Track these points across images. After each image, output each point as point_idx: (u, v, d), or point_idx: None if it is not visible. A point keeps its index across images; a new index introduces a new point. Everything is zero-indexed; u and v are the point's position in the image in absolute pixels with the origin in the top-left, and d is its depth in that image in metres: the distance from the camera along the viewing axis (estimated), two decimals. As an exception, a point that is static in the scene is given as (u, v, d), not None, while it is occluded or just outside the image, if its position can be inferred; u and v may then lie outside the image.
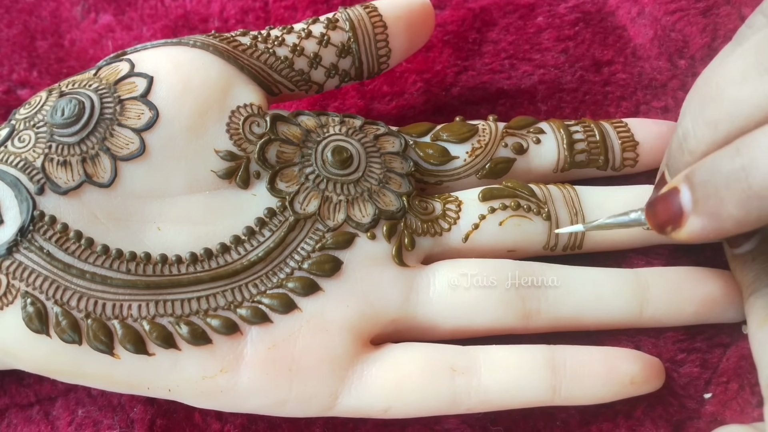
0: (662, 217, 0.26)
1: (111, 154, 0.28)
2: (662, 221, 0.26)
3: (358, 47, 0.32)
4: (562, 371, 0.28)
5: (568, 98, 0.37)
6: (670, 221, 0.26)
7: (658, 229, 0.27)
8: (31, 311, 0.27)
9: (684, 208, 0.25)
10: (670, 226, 0.26)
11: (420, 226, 0.31)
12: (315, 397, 0.28)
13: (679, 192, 0.26)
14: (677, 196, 0.26)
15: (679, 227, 0.26)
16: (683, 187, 0.25)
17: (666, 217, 0.26)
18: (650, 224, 0.27)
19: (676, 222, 0.26)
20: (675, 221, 0.26)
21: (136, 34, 0.41)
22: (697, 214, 0.25)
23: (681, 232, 0.26)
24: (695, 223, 0.25)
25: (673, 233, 0.26)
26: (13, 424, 0.31)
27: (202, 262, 0.28)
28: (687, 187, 0.25)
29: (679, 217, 0.26)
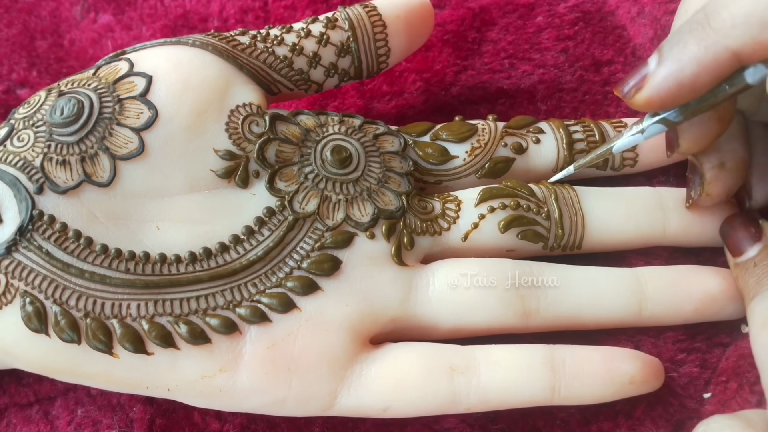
0: (628, 82, 0.27)
1: (110, 154, 0.28)
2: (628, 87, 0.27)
3: (358, 47, 0.32)
4: (561, 371, 0.28)
5: (568, 98, 0.37)
6: (634, 86, 0.27)
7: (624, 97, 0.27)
8: (30, 310, 0.27)
9: (649, 69, 0.26)
10: (633, 89, 0.27)
11: (419, 226, 0.31)
12: (314, 396, 0.28)
13: (647, 62, 0.27)
14: (645, 65, 0.27)
15: (642, 87, 0.26)
16: (652, 57, 0.27)
17: (632, 81, 0.27)
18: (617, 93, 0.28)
19: (640, 84, 0.26)
20: (639, 84, 0.26)
21: (135, 34, 0.41)
22: (660, 65, 0.26)
23: (643, 90, 0.26)
24: (657, 74, 0.26)
25: (636, 95, 0.27)
26: (12, 424, 0.31)
27: (201, 261, 0.28)
28: (655, 54, 0.26)
29: (644, 78, 0.26)
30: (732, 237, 0.30)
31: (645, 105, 0.27)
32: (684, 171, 0.33)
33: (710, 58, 0.25)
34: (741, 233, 0.30)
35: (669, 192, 0.32)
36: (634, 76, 0.27)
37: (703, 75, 0.25)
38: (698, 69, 0.25)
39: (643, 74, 0.26)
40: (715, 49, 0.25)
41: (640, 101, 0.27)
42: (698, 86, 0.26)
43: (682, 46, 0.25)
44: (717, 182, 0.30)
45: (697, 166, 0.30)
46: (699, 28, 0.25)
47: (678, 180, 0.34)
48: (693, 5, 0.27)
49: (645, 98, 0.26)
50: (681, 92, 0.26)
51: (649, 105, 0.27)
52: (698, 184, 0.30)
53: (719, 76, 0.25)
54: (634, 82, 0.27)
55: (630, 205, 0.32)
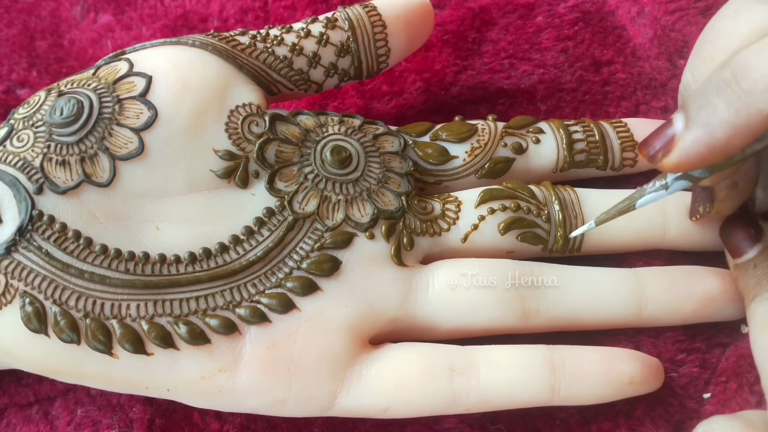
0: (654, 145, 0.26)
1: (110, 154, 0.28)
2: (654, 150, 0.26)
3: (357, 47, 0.32)
4: (561, 371, 0.28)
5: (568, 98, 0.37)
6: (661, 148, 0.26)
7: (651, 159, 0.26)
8: (29, 311, 0.27)
9: (676, 131, 0.25)
10: (661, 152, 0.26)
11: (419, 226, 0.31)
12: (314, 396, 0.28)
13: (671, 122, 0.26)
14: (670, 125, 0.26)
15: (671, 151, 0.25)
16: (677, 116, 0.26)
17: (658, 144, 0.26)
18: (642, 156, 0.27)
19: (667, 147, 0.25)
20: (666, 146, 0.26)
21: (135, 34, 0.41)
22: (689, 129, 0.25)
23: (672, 154, 0.25)
24: (687, 139, 0.25)
25: (664, 159, 0.26)
26: (12, 424, 0.31)
27: (201, 261, 0.28)
28: (680, 114, 0.25)
29: (671, 141, 0.25)
30: (732, 238, 0.30)
31: (674, 168, 0.26)
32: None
33: (743, 122, 0.24)
34: (741, 234, 0.30)
35: (670, 197, 0.32)
36: (660, 138, 0.26)
37: (736, 139, 0.24)
38: (730, 133, 0.24)
39: (670, 136, 0.25)
40: (748, 112, 0.24)
41: (669, 165, 0.26)
42: (730, 149, 0.25)
43: (711, 108, 0.24)
44: (728, 201, 0.30)
45: None
46: (728, 89, 0.24)
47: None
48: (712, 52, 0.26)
49: (675, 163, 0.25)
50: (712, 156, 0.25)
51: (679, 168, 0.26)
52: (707, 201, 0.30)
53: (752, 138, 0.24)
54: (660, 144, 0.26)
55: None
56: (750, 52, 0.24)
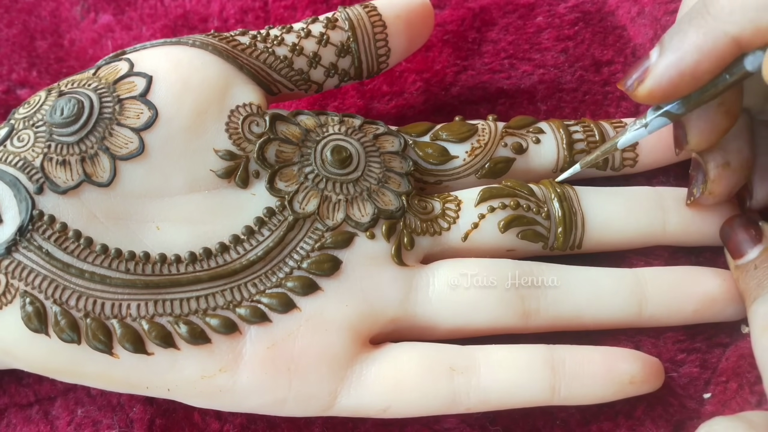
0: (631, 75, 0.27)
1: (110, 154, 0.28)
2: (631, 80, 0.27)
3: (358, 47, 0.32)
4: (561, 371, 0.28)
5: (568, 98, 0.37)
6: (636, 78, 0.27)
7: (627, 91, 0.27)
8: (30, 310, 0.27)
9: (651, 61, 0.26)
10: (636, 82, 0.27)
11: (419, 226, 0.31)
12: (314, 396, 0.28)
13: (649, 55, 0.27)
14: (647, 58, 0.27)
15: (644, 79, 0.26)
16: (654, 49, 0.27)
17: (635, 74, 0.27)
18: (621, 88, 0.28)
19: (642, 76, 0.27)
20: (641, 76, 0.27)
21: (135, 34, 0.41)
22: (662, 56, 0.26)
23: (645, 82, 0.26)
24: (659, 66, 0.26)
25: (639, 87, 0.27)
26: (12, 424, 0.31)
27: (201, 261, 0.28)
28: (656, 47, 0.26)
29: (646, 71, 0.26)
30: (732, 239, 0.30)
31: (647, 96, 0.27)
32: (684, 171, 0.33)
33: (710, 44, 0.25)
34: (741, 235, 0.30)
35: (669, 191, 0.32)
36: (637, 69, 0.27)
37: (704, 62, 0.25)
38: (699, 57, 0.25)
39: (645, 66, 0.26)
40: (715, 35, 0.25)
41: (642, 93, 0.27)
42: (699, 74, 0.26)
43: (682, 35, 0.25)
44: (720, 181, 0.30)
45: (701, 164, 0.30)
46: (698, 16, 0.25)
47: (678, 180, 0.34)
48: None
49: (647, 89, 0.26)
50: (683, 82, 0.26)
51: (652, 96, 0.27)
52: (701, 182, 0.30)
53: (720, 63, 0.25)
54: (636, 75, 0.27)
55: (630, 204, 0.32)
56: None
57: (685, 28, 0.25)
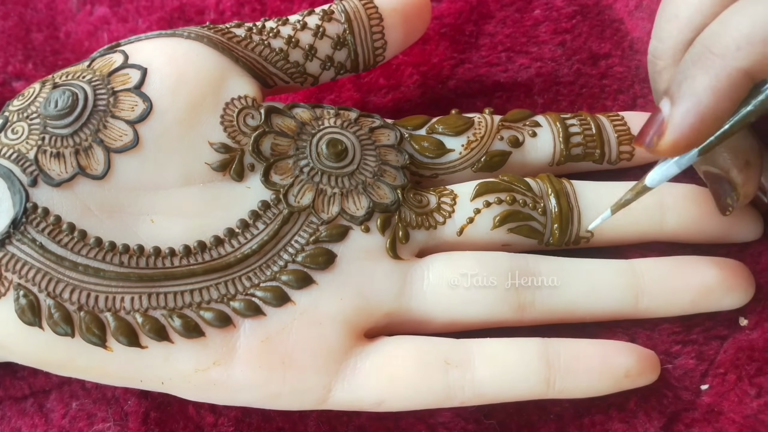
0: (648, 133, 0.27)
1: (104, 146, 0.28)
2: (648, 137, 0.27)
3: (354, 39, 0.32)
4: (556, 364, 0.28)
5: (565, 91, 0.37)
6: (654, 133, 0.26)
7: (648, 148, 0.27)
8: (23, 303, 0.27)
9: (664, 114, 0.26)
10: (655, 137, 0.26)
11: (414, 219, 0.31)
12: (308, 390, 0.28)
13: (660, 109, 0.26)
14: (659, 112, 0.26)
15: (664, 132, 0.26)
16: (663, 102, 0.26)
17: (651, 131, 0.27)
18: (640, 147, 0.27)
19: (660, 130, 0.26)
20: (659, 130, 0.26)
21: (131, 27, 0.41)
22: (676, 106, 0.26)
23: (665, 135, 0.26)
24: (676, 116, 0.26)
25: (660, 142, 0.26)
26: (7, 417, 0.31)
27: (196, 254, 0.28)
28: (665, 99, 0.26)
29: (662, 124, 0.26)
30: None
31: (672, 149, 0.26)
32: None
33: (724, 83, 0.25)
34: None
35: (667, 188, 0.32)
36: (651, 125, 0.26)
37: (722, 102, 0.25)
38: (716, 97, 0.25)
39: (660, 120, 0.26)
40: (727, 72, 0.25)
41: (665, 147, 0.26)
42: (720, 114, 0.25)
43: (690, 81, 0.25)
44: (749, 181, 0.30)
45: (720, 174, 0.30)
46: (702, 59, 0.25)
47: (675, 177, 0.34)
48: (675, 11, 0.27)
49: (670, 142, 0.26)
50: (704, 126, 0.25)
51: (676, 148, 0.26)
52: (731, 190, 0.30)
53: (737, 99, 0.25)
54: (653, 131, 0.26)
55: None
56: (714, 25, 0.25)
57: (692, 74, 0.25)
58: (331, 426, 0.30)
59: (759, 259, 0.32)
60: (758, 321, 0.31)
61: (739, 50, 0.24)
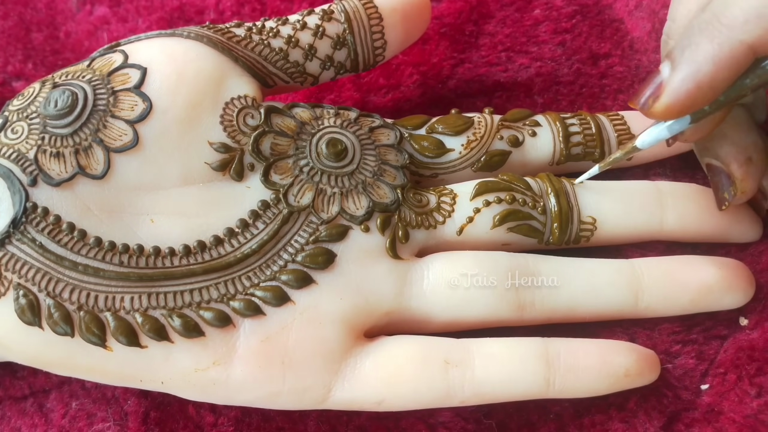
0: (644, 94, 0.27)
1: (104, 146, 0.28)
2: (644, 98, 0.27)
3: (354, 39, 0.32)
4: (556, 364, 0.28)
5: (565, 91, 0.37)
6: (651, 95, 0.27)
7: (642, 109, 0.27)
8: (23, 303, 0.27)
9: (663, 77, 0.26)
10: (651, 99, 0.27)
11: (414, 219, 0.31)
12: (308, 389, 0.28)
13: (659, 71, 0.27)
14: (658, 74, 0.27)
15: (660, 95, 0.26)
16: (663, 64, 0.26)
17: (648, 92, 0.27)
18: (633, 106, 0.28)
19: (656, 92, 0.26)
20: (655, 92, 0.26)
21: (131, 26, 0.41)
22: (675, 70, 0.26)
23: (661, 98, 0.26)
24: (674, 80, 0.26)
25: (655, 104, 0.26)
26: (6, 417, 0.31)
27: (195, 254, 0.28)
28: (666, 61, 0.26)
29: (659, 86, 0.26)
30: None
31: (665, 112, 0.26)
32: (682, 163, 0.33)
33: (726, 54, 0.25)
34: None
35: (667, 186, 0.32)
36: (649, 86, 0.27)
37: (721, 72, 0.25)
38: (715, 67, 0.25)
39: (658, 82, 0.26)
40: (731, 44, 0.25)
41: (659, 109, 0.26)
42: (717, 84, 0.25)
43: (694, 47, 0.25)
44: (749, 177, 0.30)
45: (721, 168, 0.30)
46: (709, 27, 0.25)
47: (675, 172, 0.34)
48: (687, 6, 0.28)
49: (664, 105, 0.26)
50: (700, 93, 0.26)
51: (669, 111, 0.26)
52: (729, 185, 0.30)
53: (737, 71, 0.25)
54: (649, 92, 0.27)
55: (627, 200, 0.32)
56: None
57: (696, 41, 0.25)
58: (331, 426, 0.30)
59: (759, 258, 0.32)
60: (758, 321, 0.31)
61: (747, 23, 0.24)
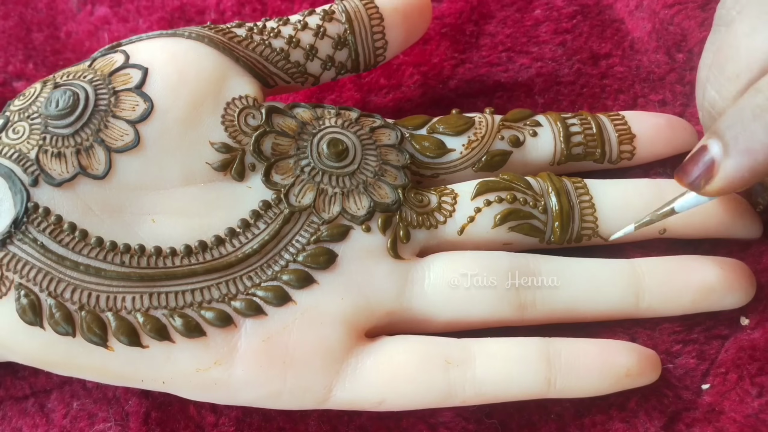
0: (693, 173, 0.27)
1: (105, 146, 0.28)
2: (694, 178, 0.27)
3: (355, 39, 0.32)
4: (557, 364, 0.28)
5: (566, 91, 0.37)
6: (702, 175, 0.27)
7: (692, 187, 0.27)
8: (24, 303, 0.27)
9: (715, 158, 0.26)
10: (702, 180, 0.27)
11: (415, 219, 0.31)
12: (309, 389, 0.28)
13: (707, 148, 0.26)
14: (705, 151, 0.27)
15: (712, 177, 0.26)
16: (711, 141, 0.26)
17: (697, 172, 0.27)
18: (682, 184, 0.28)
19: (708, 174, 0.26)
20: (707, 173, 0.26)
21: (132, 26, 0.41)
22: (729, 156, 0.26)
23: (715, 180, 0.26)
24: (729, 166, 0.26)
25: (707, 186, 0.27)
26: (8, 417, 0.31)
27: (197, 254, 0.28)
28: (715, 140, 0.26)
29: (711, 168, 0.26)
30: None
31: (718, 193, 0.27)
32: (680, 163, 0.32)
33: None
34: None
35: (668, 184, 0.32)
36: (698, 165, 0.27)
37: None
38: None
39: (708, 163, 0.26)
40: None
41: (712, 191, 0.27)
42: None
43: (750, 135, 0.25)
44: None
45: None
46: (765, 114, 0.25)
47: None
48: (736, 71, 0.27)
49: (718, 188, 0.26)
50: (754, 179, 0.26)
51: (723, 193, 0.27)
52: (762, 190, 0.31)
53: None
54: (699, 171, 0.27)
55: (628, 198, 0.32)
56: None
57: (752, 129, 0.25)
58: (332, 426, 0.30)
59: (760, 258, 0.32)
60: (760, 320, 0.31)
61: None
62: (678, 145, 0.34)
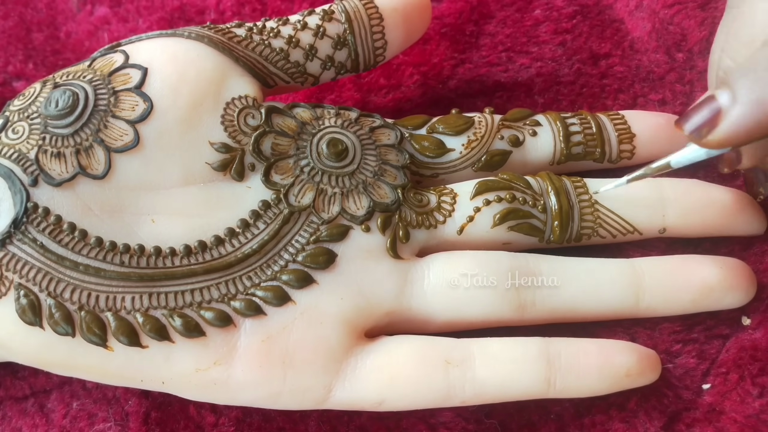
0: (694, 120, 0.26)
1: (105, 146, 0.28)
2: (697, 125, 0.26)
3: (354, 39, 0.32)
4: (556, 364, 0.28)
5: (566, 91, 0.37)
6: (705, 123, 0.26)
7: (693, 135, 0.26)
8: (24, 303, 0.27)
9: (722, 106, 0.25)
10: (705, 128, 0.26)
11: (415, 219, 0.31)
12: (309, 389, 0.28)
13: (714, 97, 0.26)
14: (713, 101, 0.26)
15: (716, 126, 0.25)
16: (720, 92, 0.25)
17: (701, 119, 0.26)
18: (680, 130, 0.27)
19: (712, 122, 0.25)
20: (711, 122, 0.26)
21: (132, 26, 0.41)
22: (738, 104, 0.25)
23: (718, 129, 0.25)
24: (736, 114, 0.25)
25: (710, 135, 0.26)
26: (7, 417, 0.31)
27: (196, 254, 0.28)
28: (724, 90, 0.25)
29: (716, 116, 0.25)
30: None
31: (719, 144, 0.26)
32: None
33: None
34: None
35: (668, 182, 0.32)
36: (701, 113, 0.26)
37: None
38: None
39: (714, 111, 0.25)
40: None
41: (714, 140, 0.26)
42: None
43: (762, 85, 0.25)
44: None
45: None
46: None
47: (675, 170, 0.34)
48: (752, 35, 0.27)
49: (721, 138, 0.25)
50: (759, 131, 0.25)
51: (724, 144, 0.26)
52: (764, 180, 0.31)
53: None
54: (702, 119, 0.26)
55: (628, 197, 0.32)
56: None
57: (763, 75, 0.25)
58: (331, 426, 0.30)
59: (762, 258, 0.32)
60: (761, 320, 0.31)
61: None
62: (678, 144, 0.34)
